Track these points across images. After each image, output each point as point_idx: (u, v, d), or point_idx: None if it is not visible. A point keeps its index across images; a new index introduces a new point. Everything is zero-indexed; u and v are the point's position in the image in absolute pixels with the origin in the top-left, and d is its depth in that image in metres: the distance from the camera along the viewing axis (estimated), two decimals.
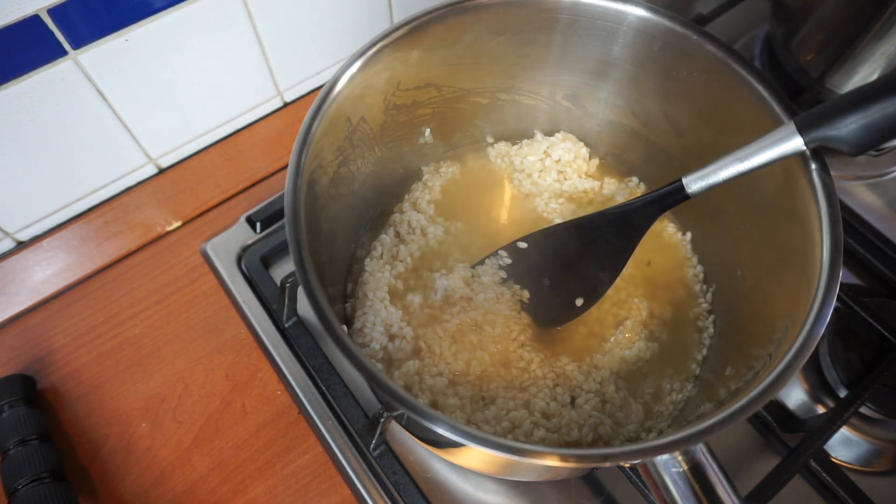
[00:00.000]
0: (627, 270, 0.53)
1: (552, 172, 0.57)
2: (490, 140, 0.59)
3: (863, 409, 0.51)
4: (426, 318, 0.50)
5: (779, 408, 0.53)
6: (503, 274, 0.51)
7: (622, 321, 0.51)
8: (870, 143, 0.33)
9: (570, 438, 0.46)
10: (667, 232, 0.56)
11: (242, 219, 0.61)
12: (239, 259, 0.59)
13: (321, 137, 0.42)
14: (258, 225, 0.60)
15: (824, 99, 0.62)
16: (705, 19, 0.72)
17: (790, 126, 0.36)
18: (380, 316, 0.49)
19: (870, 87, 0.33)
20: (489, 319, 0.50)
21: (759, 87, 0.42)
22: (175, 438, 0.52)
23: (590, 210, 0.55)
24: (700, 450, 0.33)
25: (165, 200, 0.63)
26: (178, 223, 0.62)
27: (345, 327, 0.36)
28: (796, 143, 0.36)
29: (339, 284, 0.51)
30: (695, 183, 0.41)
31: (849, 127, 0.33)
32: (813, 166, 0.38)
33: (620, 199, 0.57)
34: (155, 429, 0.52)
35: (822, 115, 0.34)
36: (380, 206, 0.55)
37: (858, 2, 0.55)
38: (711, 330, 0.51)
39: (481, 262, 0.52)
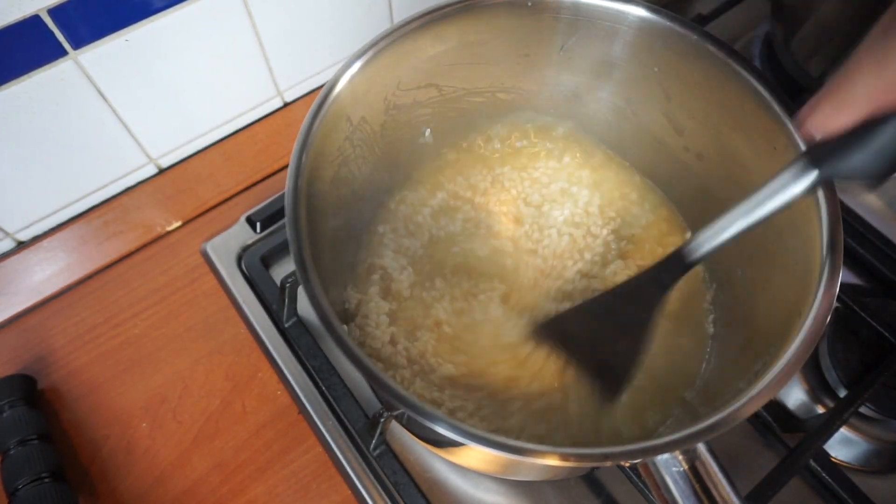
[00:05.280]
0: (628, 271, 0.53)
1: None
2: (490, 139, 0.59)
3: (862, 409, 0.50)
4: (420, 318, 0.50)
5: (779, 408, 0.53)
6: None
7: None
8: (891, 168, 0.29)
9: None
10: (668, 231, 0.56)
11: (242, 219, 0.61)
12: (239, 259, 0.59)
13: (321, 137, 0.42)
14: (258, 225, 0.60)
15: None
16: (705, 19, 0.72)
17: (800, 163, 0.31)
18: (380, 316, 0.49)
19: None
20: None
21: (759, 87, 0.42)
22: (175, 438, 0.52)
23: (598, 195, 0.55)
24: (700, 449, 0.33)
25: (165, 200, 0.63)
26: (178, 223, 0.62)
27: (345, 327, 0.36)
28: (809, 180, 0.31)
29: (340, 284, 0.51)
30: (700, 248, 0.37)
31: (865, 154, 0.28)
32: None
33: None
34: (155, 429, 0.52)
35: (834, 147, 0.30)
36: (380, 206, 0.55)
37: (858, 2, 0.55)
38: (711, 329, 0.51)
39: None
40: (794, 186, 0.31)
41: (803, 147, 0.33)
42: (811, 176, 0.31)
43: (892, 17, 0.22)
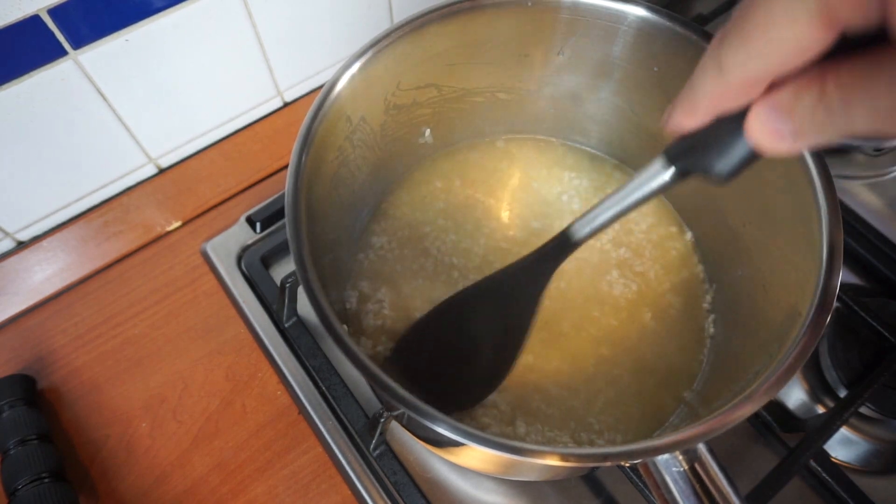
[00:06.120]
0: (627, 270, 0.53)
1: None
2: (490, 140, 0.59)
3: (863, 409, 0.51)
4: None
5: (779, 408, 0.53)
6: None
7: (622, 322, 0.51)
8: (732, 169, 0.29)
9: None
10: (668, 232, 0.56)
11: (242, 219, 0.61)
12: (239, 259, 0.59)
13: (321, 137, 0.42)
14: (258, 225, 0.60)
15: None
16: (705, 19, 0.72)
17: (661, 160, 0.33)
18: (381, 315, 0.50)
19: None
20: None
21: None
22: (175, 438, 0.52)
23: (599, 195, 0.56)
24: (700, 449, 0.33)
25: (165, 200, 0.63)
26: (178, 223, 0.62)
27: (345, 327, 0.36)
28: (669, 175, 0.33)
29: (340, 284, 0.51)
30: (582, 229, 0.38)
31: (709, 154, 0.29)
32: (813, 167, 0.38)
33: None
34: (155, 429, 0.52)
35: (692, 146, 0.31)
36: (380, 206, 0.55)
37: None
38: (711, 330, 0.51)
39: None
40: (658, 179, 0.33)
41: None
42: (670, 171, 0.33)
43: (729, 25, 0.23)
